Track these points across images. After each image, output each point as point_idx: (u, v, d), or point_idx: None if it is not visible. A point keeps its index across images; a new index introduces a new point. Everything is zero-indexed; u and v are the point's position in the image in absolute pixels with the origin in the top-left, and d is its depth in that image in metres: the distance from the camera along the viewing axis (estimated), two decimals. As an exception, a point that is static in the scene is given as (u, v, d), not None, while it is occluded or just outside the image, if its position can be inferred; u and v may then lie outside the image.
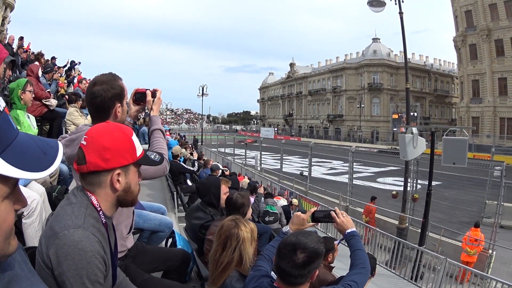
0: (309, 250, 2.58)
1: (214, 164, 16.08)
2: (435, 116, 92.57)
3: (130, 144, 2.10)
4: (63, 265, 1.80)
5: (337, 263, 6.28)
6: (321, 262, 2.71)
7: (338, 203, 22.23)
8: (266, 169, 35.75)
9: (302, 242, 2.61)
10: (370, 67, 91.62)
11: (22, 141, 1.27)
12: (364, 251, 3.18)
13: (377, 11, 17.85)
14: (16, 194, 1.31)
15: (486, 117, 62.36)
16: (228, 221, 3.40)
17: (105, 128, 2.11)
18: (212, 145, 51.97)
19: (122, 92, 3.11)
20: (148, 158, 2.24)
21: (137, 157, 2.13)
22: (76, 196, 2.01)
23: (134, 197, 2.20)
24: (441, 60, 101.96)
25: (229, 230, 3.29)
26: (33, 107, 8.36)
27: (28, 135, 1.35)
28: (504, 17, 58.63)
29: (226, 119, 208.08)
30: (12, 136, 1.24)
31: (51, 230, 1.89)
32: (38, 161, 1.30)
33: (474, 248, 15.53)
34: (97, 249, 1.87)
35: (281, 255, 2.64)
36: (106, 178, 2.03)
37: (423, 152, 14.35)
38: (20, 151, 1.24)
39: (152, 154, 2.34)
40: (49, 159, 1.36)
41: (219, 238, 3.33)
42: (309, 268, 2.60)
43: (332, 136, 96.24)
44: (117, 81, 3.10)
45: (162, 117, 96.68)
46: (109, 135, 2.05)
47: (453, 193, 23.76)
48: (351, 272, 3.01)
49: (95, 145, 2.00)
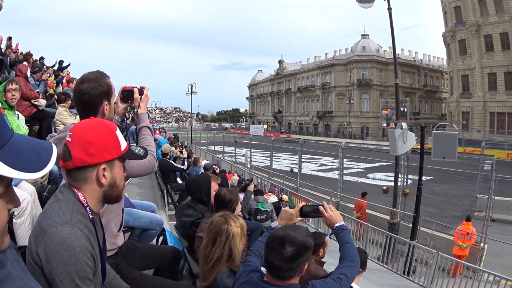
0: (298, 243, 2.59)
1: (207, 162, 16.09)
2: (425, 111, 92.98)
3: (114, 138, 2.11)
4: (52, 262, 1.80)
5: (328, 259, 6.29)
6: (312, 257, 2.72)
7: (329, 199, 22.20)
8: (256, 167, 35.81)
9: (290, 235, 2.62)
10: (359, 63, 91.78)
11: (16, 141, 1.29)
12: (353, 244, 3.18)
13: (366, 7, 17.90)
14: (10, 194, 1.32)
15: (476, 112, 62.87)
16: (217, 217, 3.40)
17: (89, 124, 2.12)
18: (201, 143, 52.03)
19: (110, 90, 3.11)
20: (132, 152, 2.26)
21: (121, 152, 2.14)
22: (63, 193, 2.01)
23: (120, 192, 2.20)
24: (431, 56, 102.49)
25: (218, 226, 3.29)
26: (22, 107, 8.34)
27: (23, 136, 1.37)
28: (493, 13, 59.10)
29: (215, 117, 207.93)
30: (7, 136, 1.26)
31: (39, 228, 1.89)
32: (32, 161, 1.32)
33: (466, 242, 15.63)
34: (85, 245, 1.88)
35: (269, 249, 2.64)
36: (91, 174, 2.03)
37: (413, 146, 14.42)
38: (15, 152, 1.25)
39: (136, 148, 2.36)
40: (43, 160, 1.37)
41: (209, 234, 3.33)
42: (298, 262, 2.60)
43: (322, 133, 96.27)
44: (105, 79, 3.10)
45: (151, 116, 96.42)
46: (93, 130, 2.06)
47: (444, 188, 23.81)
48: (340, 265, 3.01)
49: (79, 140, 2.00)
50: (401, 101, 57.84)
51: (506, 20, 57.20)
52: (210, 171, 13.46)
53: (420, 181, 14.30)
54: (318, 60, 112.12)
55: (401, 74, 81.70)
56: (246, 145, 39.96)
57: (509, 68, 57.99)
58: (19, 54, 16.19)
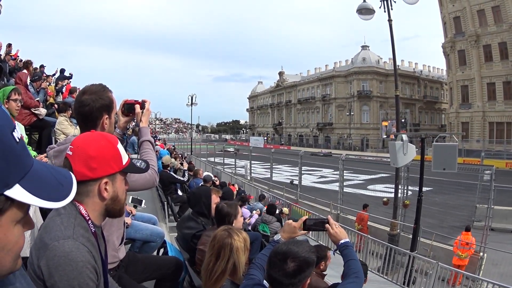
0: (300, 259, 2.58)
1: (207, 174, 16.06)
2: (425, 122, 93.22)
3: (116, 152, 2.11)
4: (54, 276, 1.80)
5: (329, 271, 6.29)
6: (314, 269, 2.71)
7: (329, 211, 22.21)
8: (256, 178, 35.67)
9: (293, 251, 2.61)
10: (359, 75, 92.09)
11: (38, 169, 1.29)
12: (357, 260, 3.18)
13: (366, 19, 17.90)
14: (27, 218, 1.32)
15: (475, 122, 63.14)
16: (220, 231, 3.39)
17: (90, 137, 2.12)
18: (201, 154, 51.98)
19: (111, 103, 3.10)
20: (134, 165, 2.26)
21: (123, 165, 2.14)
22: (65, 207, 1.95)
23: (122, 205, 2.20)
24: (430, 67, 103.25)
25: (222, 240, 3.28)
26: (22, 116, 8.30)
27: (42, 163, 1.37)
28: (492, 23, 59.53)
29: (215, 129, 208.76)
30: (29, 164, 1.26)
31: (41, 242, 1.89)
32: (55, 190, 1.32)
33: (465, 252, 15.65)
34: (88, 259, 1.88)
35: (271, 264, 2.64)
36: (93, 188, 2.03)
37: (413, 158, 14.42)
38: (38, 180, 1.26)
39: (138, 162, 2.35)
40: (66, 189, 1.38)
41: (212, 248, 3.32)
42: (300, 277, 2.60)
43: (322, 144, 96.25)
44: (107, 92, 3.09)
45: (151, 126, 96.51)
46: (94, 144, 2.06)
47: (443, 198, 23.83)
48: (345, 281, 3.02)
49: (81, 154, 2.01)
50: (401, 112, 57.88)
51: (505, 30, 57.64)
52: (209, 183, 13.46)
53: (421, 193, 14.29)
54: (318, 71, 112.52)
55: (401, 85, 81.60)
56: (246, 156, 39.89)
57: (508, 77, 58.31)
58: (18, 61, 16.10)
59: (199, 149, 59.15)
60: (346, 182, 28.06)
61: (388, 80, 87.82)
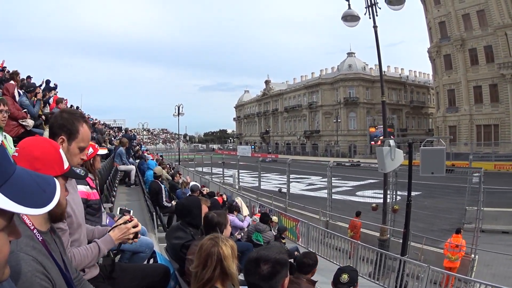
0: (272, 260, 2.70)
1: (194, 184, 16.06)
2: (412, 127, 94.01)
3: (59, 156, 2.18)
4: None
5: (320, 278, 6.27)
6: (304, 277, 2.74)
7: (318, 218, 22.24)
8: (245, 187, 35.71)
9: (263, 255, 2.75)
10: (345, 82, 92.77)
11: (20, 176, 1.27)
12: None
13: (351, 26, 17.96)
14: (11, 227, 1.30)
15: (462, 125, 63.97)
16: (207, 240, 3.37)
17: (35, 140, 2.24)
18: (189, 164, 51.97)
19: (73, 131, 3.00)
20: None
21: (64, 170, 2.17)
22: None
23: (63, 209, 2.25)
24: (417, 72, 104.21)
25: (208, 249, 3.25)
26: (9, 127, 8.24)
27: (26, 170, 1.35)
28: (477, 27, 60.58)
29: (203, 138, 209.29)
30: (10, 171, 1.24)
31: None
32: (37, 197, 1.30)
33: (455, 254, 15.73)
34: (35, 267, 1.85)
35: (247, 271, 2.79)
36: None
37: (401, 163, 14.45)
38: (19, 186, 1.24)
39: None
40: (48, 196, 1.35)
41: (199, 257, 3.29)
42: (276, 278, 2.70)
43: (310, 152, 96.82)
44: (78, 120, 3.05)
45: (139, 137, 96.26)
46: (39, 146, 2.15)
47: (433, 202, 23.84)
48: None
49: (26, 155, 2.06)
50: (388, 118, 58.24)
51: (490, 33, 58.52)
52: (197, 193, 13.44)
53: (409, 197, 14.32)
54: (304, 79, 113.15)
55: (388, 91, 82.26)
56: (234, 166, 39.93)
57: (494, 80, 59.18)
58: (5, 72, 16.04)
59: (187, 159, 59.16)
60: (335, 189, 28.26)
61: (374, 86, 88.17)
